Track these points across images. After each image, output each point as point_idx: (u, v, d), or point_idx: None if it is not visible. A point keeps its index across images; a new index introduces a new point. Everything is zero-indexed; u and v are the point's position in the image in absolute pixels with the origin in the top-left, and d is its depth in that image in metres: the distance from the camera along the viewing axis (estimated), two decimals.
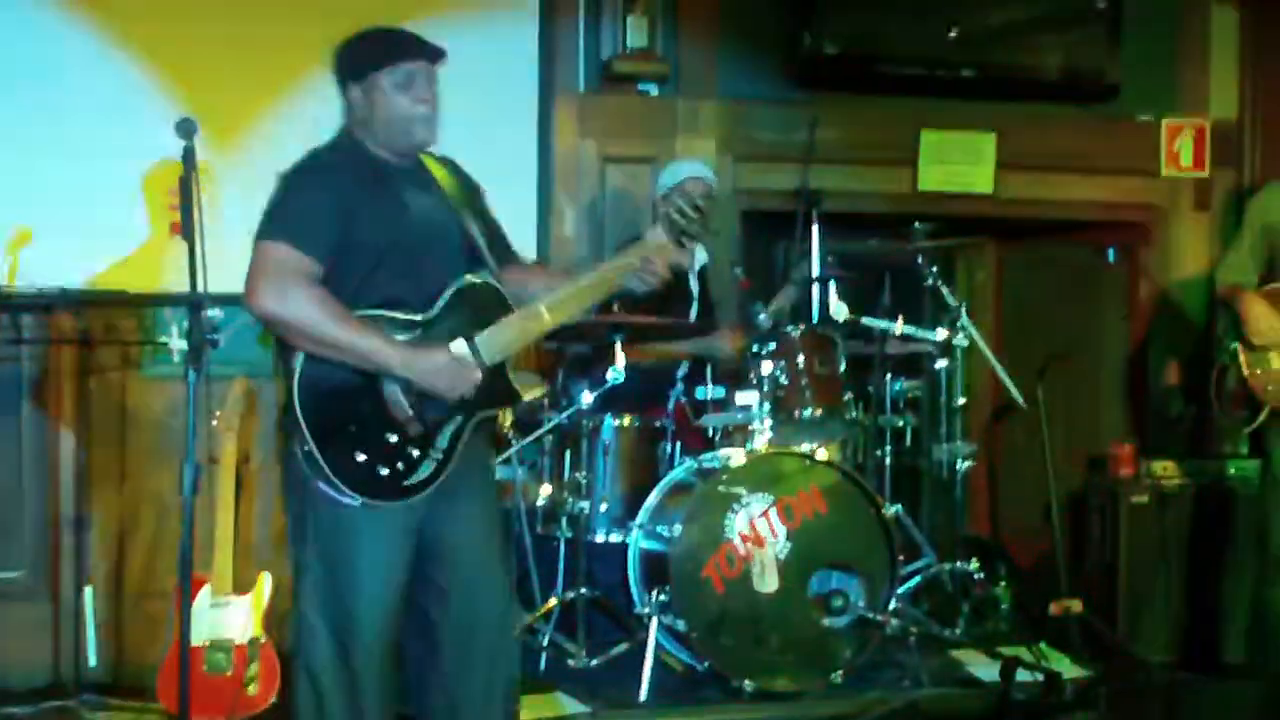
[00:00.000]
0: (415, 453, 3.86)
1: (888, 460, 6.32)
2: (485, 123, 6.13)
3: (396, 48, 3.95)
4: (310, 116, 5.96)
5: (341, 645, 3.90)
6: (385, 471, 3.82)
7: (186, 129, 4.08)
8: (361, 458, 3.80)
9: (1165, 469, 6.39)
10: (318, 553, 3.91)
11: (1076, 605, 5.85)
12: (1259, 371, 5.66)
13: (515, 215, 5.16)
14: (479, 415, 3.95)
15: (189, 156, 4.14)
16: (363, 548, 3.87)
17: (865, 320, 6.00)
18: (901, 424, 6.36)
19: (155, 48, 5.89)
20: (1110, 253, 7.69)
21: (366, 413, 3.82)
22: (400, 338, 3.84)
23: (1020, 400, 6.19)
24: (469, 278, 3.96)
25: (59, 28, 5.81)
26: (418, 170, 4.06)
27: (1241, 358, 5.69)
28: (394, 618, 3.95)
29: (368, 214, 3.86)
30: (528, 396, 5.77)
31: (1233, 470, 6.43)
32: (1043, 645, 5.61)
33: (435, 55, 3.99)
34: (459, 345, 3.89)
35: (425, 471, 3.87)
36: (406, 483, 3.85)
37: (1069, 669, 5.51)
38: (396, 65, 3.92)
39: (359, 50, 4.00)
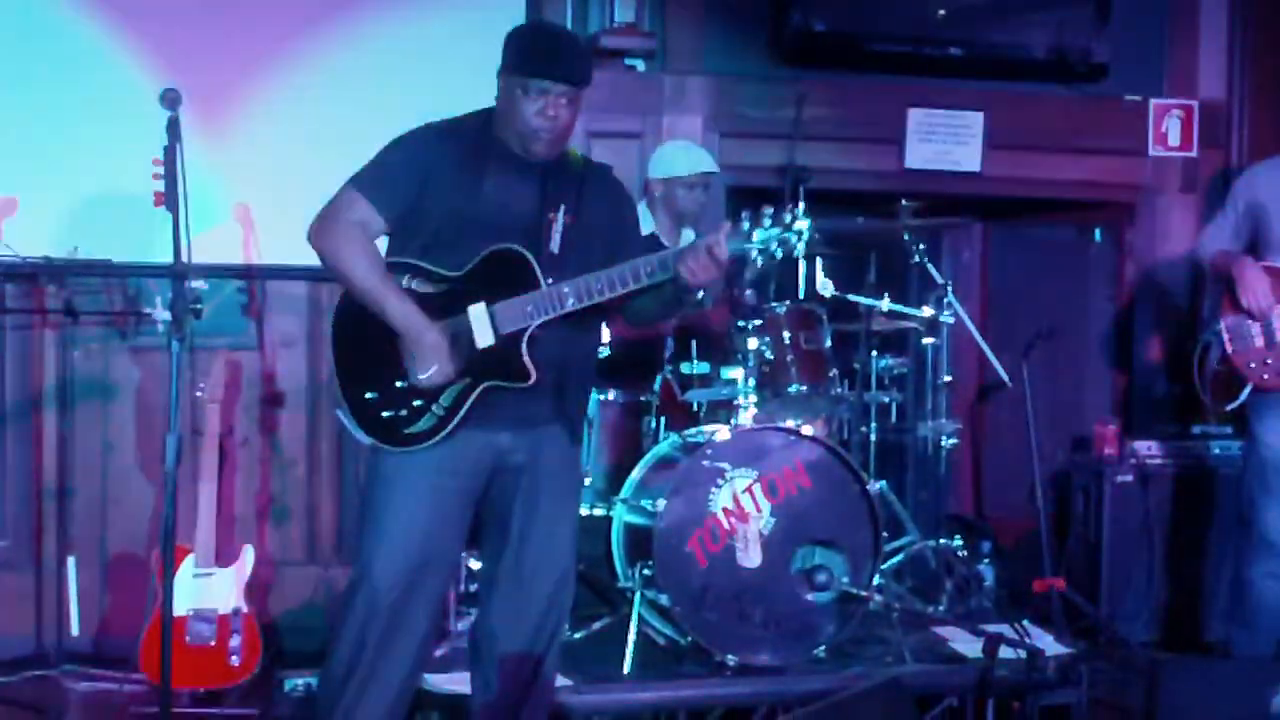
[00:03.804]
0: (418, 403, 3.96)
1: (873, 436, 6.31)
2: (471, 98, 6.09)
3: (540, 62, 3.92)
4: (295, 86, 5.99)
5: (356, 592, 4.00)
6: (388, 414, 3.97)
7: (171, 99, 4.09)
8: (370, 395, 3.98)
9: (1149, 448, 6.42)
10: (363, 501, 4.15)
11: (1059, 583, 5.86)
12: (1241, 350, 5.61)
13: None
14: (487, 383, 3.96)
15: (173, 127, 4.15)
16: (388, 497, 4.00)
17: (851, 297, 6.00)
18: (887, 400, 6.36)
19: (139, 16, 5.86)
20: (1097, 232, 7.70)
21: (383, 354, 3.95)
22: (425, 289, 3.96)
23: (1006, 378, 6.20)
24: (502, 245, 3.96)
25: None
26: (548, 165, 4.04)
27: (1225, 336, 5.64)
28: (412, 578, 3.98)
29: (445, 184, 3.95)
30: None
31: (1216, 450, 6.45)
32: (1026, 623, 5.61)
33: (578, 80, 3.97)
34: (478, 308, 3.94)
35: (425, 424, 3.96)
36: (407, 431, 3.97)
37: (1052, 647, 5.51)
38: (531, 79, 3.91)
39: (512, 45, 3.99)
